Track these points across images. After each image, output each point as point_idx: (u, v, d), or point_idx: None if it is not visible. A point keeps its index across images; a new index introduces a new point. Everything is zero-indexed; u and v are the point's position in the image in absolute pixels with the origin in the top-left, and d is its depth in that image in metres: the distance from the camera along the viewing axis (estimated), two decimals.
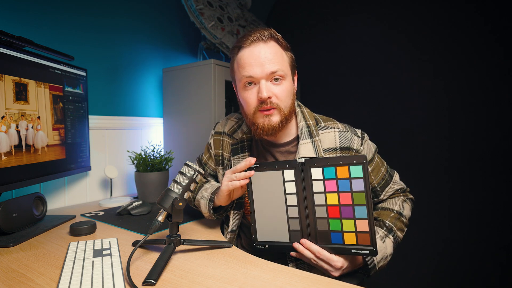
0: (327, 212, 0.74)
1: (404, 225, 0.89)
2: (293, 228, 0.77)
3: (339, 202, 0.73)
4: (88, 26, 1.42)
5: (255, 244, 0.82)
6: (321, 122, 0.92)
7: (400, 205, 0.91)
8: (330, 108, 1.71)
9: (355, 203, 0.71)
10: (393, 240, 0.83)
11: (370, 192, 0.71)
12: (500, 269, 1.55)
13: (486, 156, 1.57)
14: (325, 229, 0.74)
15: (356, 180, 0.71)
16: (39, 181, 1.03)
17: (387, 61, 1.85)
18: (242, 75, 0.84)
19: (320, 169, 0.75)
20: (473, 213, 1.61)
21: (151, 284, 0.61)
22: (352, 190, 0.72)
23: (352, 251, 0.72)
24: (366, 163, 0.71)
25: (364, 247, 0.71)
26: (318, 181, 0.75)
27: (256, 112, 0.84)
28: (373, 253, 0.70)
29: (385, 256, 0.81)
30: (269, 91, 0.81)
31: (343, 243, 0.73)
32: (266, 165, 0.80)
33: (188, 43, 1.90)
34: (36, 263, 0.72)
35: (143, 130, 1.67)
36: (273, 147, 0.94)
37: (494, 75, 1.54)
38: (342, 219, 0.73)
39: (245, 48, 0.84)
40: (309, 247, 0.75)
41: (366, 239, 0.71)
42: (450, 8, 1.64)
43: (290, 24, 2.31)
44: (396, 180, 0.96)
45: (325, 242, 0.74)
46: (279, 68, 0.82)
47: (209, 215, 0.94)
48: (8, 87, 0.91)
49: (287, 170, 0.78)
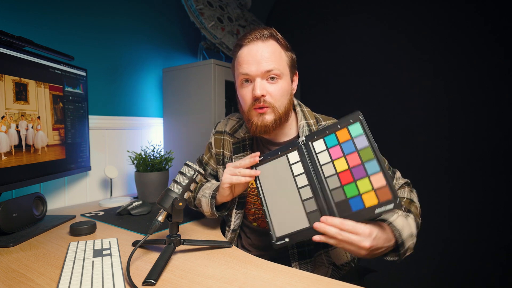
0: (339, 180, 0.71)
1: (418, 212, 0.82)
2: (310, 210, 0.73)
3: (348, 165, 0.70)
4: (88, 26, 1.42)
5: (274, 241, 0.75)
6: (322, 121, 0.93)
7: (408, 194, 0.87)
8: (330, 108, 1.71)
9: (364, 160, 0.68)
10: (414, 219, 0.75)
11: (375, 145, 0.68)
12: (500, 269, 1.55)
13: (486, 156, 1.57)
14: (343, 198, 0.70)
15: (358, 138, 0.70)
16: (39, 181, 1.03)
17: (387, 61, 1.85)
18: (239, 72, 0.86)
19: (322, 140, 0.74)
20: (473, 213, 1.61)
21: (151, 284, 0.61)
22: (357, 149, 0.70)
23: (376, 211, 0.66)
24: (362, 118, 0.70)
25: (387, 202, 0.65)
26: (322, 152, 0.73)
27: (250, 110, 0.86)
28: (397, 205, 0.64)
29: (411, 234, 0.72)
30: (263, 89, 0.82)
31: (364, 206, 0.67)
32: (269, 155, 0.80)
33: (188, 43, 1.90)
34: (36, 263, 0.72)
35: (143, 130, 1.67)
36: (274, 146, 0.94)
37: (494, 75, 1.54)
38: (356, 181, 0.69)
39: (244, 46, 0.85)
40: (331, 222, 0.67)
41: (387, 193, 0.65)
42: (450, 8, 1.64)
43: (290, 24, 2.31)
44: (398, 177, 0.95)
45: (347, 212, 0.69)
46: (274, 67, 0.82)
47: (211, 213, 0.92)
48: (8, 87, 0.91)
49: (291, 152, 0.77)
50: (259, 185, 0.80)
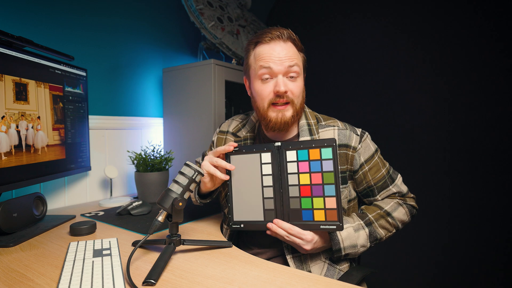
0: (299, 191, 0.81)
1: (390, 225, 0.88)
2: (267, 208, 0.83)
3: (310, 181, 0.80)
4: (88, 26, 1.42)
5: (231, 223, 0.86)
6: (322, 121, 0.94)
7: (392, 206, 0.90)
8: (330, 108, 1.71)
9: (325, 182, 0.79)
10: (368, 234, 0.85)
11: (338, 172, 0.78)
12: (500, 269, 1.55)
13: (487, 156, 1.57)
14: (297, 207, 0.81)
15: (326, 161, 0.79)
16: (39, 181, 1.03)
17: (388, 61, 1.85)
18: (260, 65, 0.86)
19: (295, 152, 0.81)
20: (473, 213, 1.61)
21: (151, 284, 0.61)
22: (322, 170, 0.79)
23: (321, 226, 0.78)
24: (335, 146, 0.78)
25: (331, 222, 0.78)
26: (292, 162, 0.81)
27: (269, 106, 0.87)
28: (339, 228, 0.77)
29: (354, 244, 0.83)
30: (286, 86, 0.85)
31: (313, 219, 0.79)
32: (245, 148, 0.86)
33: (188, 43, 1.90)
34: (36, 263, 0.72)
35: (143, 130, 1.67)
36: None
37: (495, 75, 1.54)
38: (313, 197, 0.79)
39: (264, 44, 0.87)
40: (281, 226, 0.80)
41: (334, 215, 0.77)
42: (451, 8, 1.64)
43: (290, 24, 2.29)
44: (397, 183, 0.95)
45: (297, 220, 0.80)
46: (296, 64, 0.86)
47: (195, 200, 0.96)
48: (8, 87, 0.91)
49: (265, 153, 0.84)
50: (230, 172, 0.87)
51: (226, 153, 0.87)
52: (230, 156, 0.87)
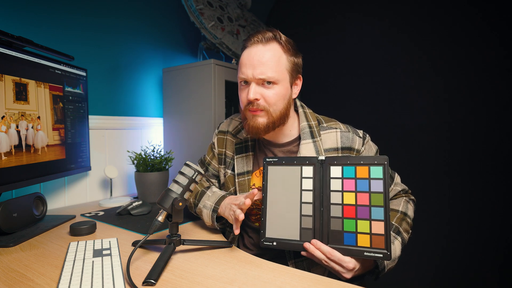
0: (342, 212, 0.72)
1: (409, 226, 0.86)
2: (304, 226, 0.75)
3: (356, 202, 0.72)
4: (88, 26, 1.42)
5: (262, 240, 0.78)
6: (323, 122, 0.94)
7: (404, 206, 0.90)
8: (330, 109, 1.70)
9: (373, 204, 0.70)
10: (401, 242, 0.80)
11: (388, 194, 0.70)
12: (500, 269, 1.55)
13: (486, 156, 1.57)
14: (339, 229, 0.72)
15: (375, 181, 0.71)
16: (39, 181, 1.03)
17: (387, 61, 1.85)
18: (238, 74, 0.88)
19: (340, 168, 0.74)
20: (473, 213, 1.61)
21: (151, 284, 0.61)
22: (370, 190, 0.71)
23: (365, 253, 0.69)
24: (387, 164, 0.71)
25: (378, 250, 0.68)
26: (336, 179, 0.74)
27: (246, 111, 0.87)
28: (387, 257, 0.68)
29: (394, 258, 0.78)
30: (256, 94, 0.83)
31: (356, 244, 0.70)
32: (285, 159, 0.80)
33: (188, 43, 1.90)
34: (36, 263, 0.72)
35: (143, 130, 1.67)
36: (275, 147, 0.95)
37: (494, 75, 1.54)
38: (358, 219, 0.71)
39: (246, 48, 0.86)
40: (320, 248, 0.72)
41: (381, 242, 0.68)
42: (450, 8, 1.64)
43: (290, 24, 2.30)
44: (397, 182, 0.96)
45: (337, 243, 0.72)
46: (269, 75, 0.82)
47: (212, 225, 0.93)
48: (8, 87, 0.91)
49: (306, 166, 0.77)
50: (265, 183, 0.81)
51: (264, 163, 0.82)
52: (268, 167, 0.82)
